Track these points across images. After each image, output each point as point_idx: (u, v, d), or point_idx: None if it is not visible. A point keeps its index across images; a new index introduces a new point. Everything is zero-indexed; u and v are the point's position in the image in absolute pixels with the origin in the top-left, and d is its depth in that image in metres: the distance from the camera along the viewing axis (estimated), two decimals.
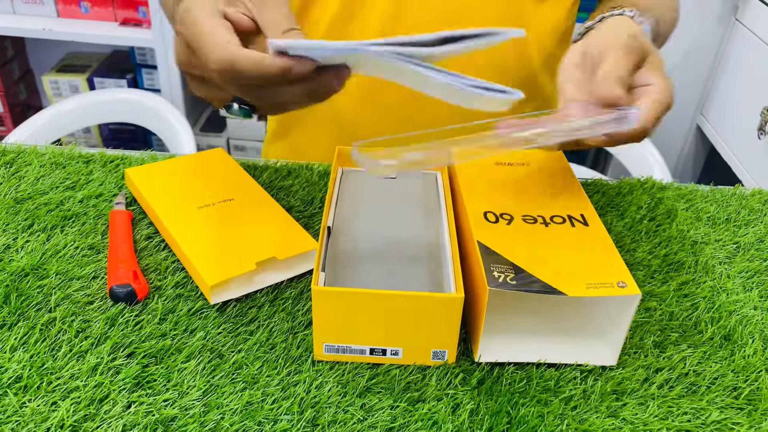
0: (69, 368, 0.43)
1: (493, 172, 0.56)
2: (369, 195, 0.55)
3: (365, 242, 0.49)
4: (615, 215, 0.63)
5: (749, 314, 0.52)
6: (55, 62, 1.83)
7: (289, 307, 0.50)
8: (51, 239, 0.55)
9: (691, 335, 0.50)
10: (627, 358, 0.47)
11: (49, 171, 0.64)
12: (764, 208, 0.66)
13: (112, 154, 0.67)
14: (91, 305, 0.48)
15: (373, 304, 0.43)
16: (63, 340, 0.45)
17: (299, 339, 0.47)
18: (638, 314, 0.51)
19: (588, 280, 0.43)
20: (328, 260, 0.47)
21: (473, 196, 0.52)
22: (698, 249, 0.59)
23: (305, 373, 0.44)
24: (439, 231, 0.51)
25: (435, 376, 0.45)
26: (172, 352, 0.45)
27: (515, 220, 0.49)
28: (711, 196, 0.68)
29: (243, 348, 0.46)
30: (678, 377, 0.46)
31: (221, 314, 0.49)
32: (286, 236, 0.52)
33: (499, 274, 0.43)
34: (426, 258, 0.48)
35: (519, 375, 0.45)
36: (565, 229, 0.49)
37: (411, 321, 0.43)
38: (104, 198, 0.60)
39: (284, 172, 0.66)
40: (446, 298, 0.42)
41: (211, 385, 0.43)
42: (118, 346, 0.45)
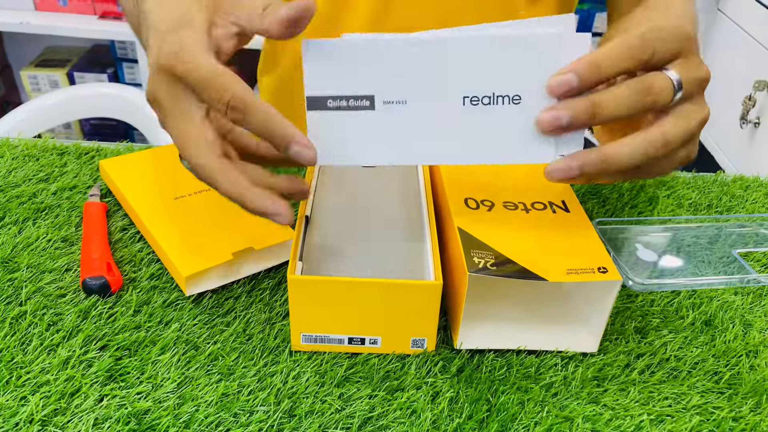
0: (39, 362, 0.42)
1: None
2: (348, 184, 0.55)
3: (344, 231, 0.49)
4: (596, 203, 0.63)
5: (730, 300, 0.52)
6: (33, 57, 1.80)
7: (267, 297, 0.49)
8: (23, 232, 0.53)
9: (672, 321, 0.50)
10: (608, 344, 0.47)
11: (21, 163, 0.62)
12: (745, 194, 0.67)
13: (87, 145, 0.66)
14: (63, 298, 0.47)
15: (350, 293, 0.42)
16: (33, 333, 0.44)
17: (276, 329, 0.46)
18: (619, 301, 0.51)
19: (568, 266, 0.43)
20: (305, 250, 0.46)
21: (454, 183, 0.51)
22: None
23: (282, 363, 0.44)
24: (419, 218, 0.50)
25: (414, 364, 0.44)
26: (146, 345, 0.44)
27: (496, 206, 0.49)
28: (692, 182, 0.68)
29: (219, 339, 0.45)
30: (659, 362, 0.46)
31: (197, 306, 0.48)
32: (264, 226, 0.52)
33: (479, 259, 0.42)
34: (405, 246, 0.47)
35: (499, 362, 0.45)
36: (546, 216, 0.48)
37: (389, 309, 0.43)
38: (78, 190, 0.59)
39: None
40: (425, 285, 0.42)
41: (186, 377, 0.42)
42: (91, 339, 0.44)
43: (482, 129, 0.41)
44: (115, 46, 1.73)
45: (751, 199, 0.65)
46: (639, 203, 0.63)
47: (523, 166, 0.54)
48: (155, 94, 0.39)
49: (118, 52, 1.74)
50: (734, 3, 1.51)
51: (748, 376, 0.45)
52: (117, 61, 1.76)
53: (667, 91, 0.40)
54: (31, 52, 1.83)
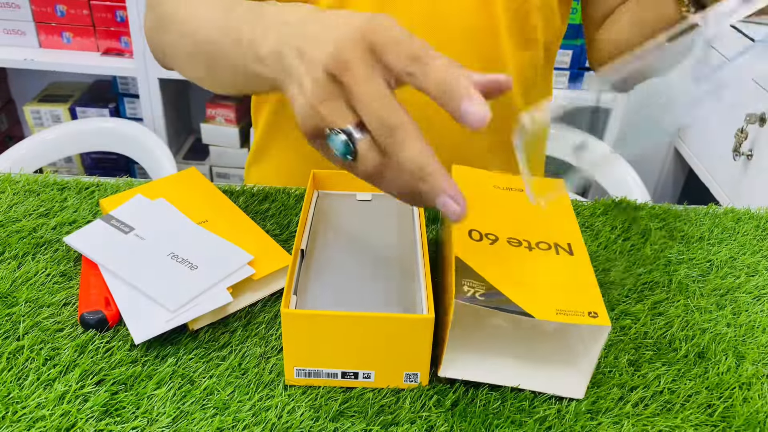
0: (35, 397, 0.42)
1: (489, 194, 0.56)
2: (343, 217, 0.55)
3: (339, 264, 0.49)
4: (590, 235, 0.64)
5: (722, 331, 0.52)
6: (37, 92, 1.83)
7: (262, 331, 0.49)
8: (22, 266, 0.54)
9: (666, 353, 0.50)
10: (602, 377, 0.47)
11: (22, 198, 0.63)
12: (737, 226, 0.67)
13: (87, 181, 0.67)
14: (60, 333, 0.48)
15: (342, 326, 0.42)
16: (30, 368, 0.45)
17: (272, 364, 0.46)
18: (613, 333, 0.52)
19: (559, 306, 0.43)
20: (300, 283, 0.47)
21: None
22: (672, 268, 0.60)
23: (277, 397, 0.44)
24: (413, 252, 0.51)
25: (409, 398, 0.44)
26: (143, 379, 0.44)
27: (500, 241, 0.49)
28: (685, 215, 0.69)
29: (215, 373, 0.45)
30: (653, 395, 0.46)
31: (193, 340, 0.48)
32: (261, 255, 0.52)
33: (469, 288, 0.43)
34: (399, 279, 0.48)
35: (493, 396, 0.45)
36: (548, 256, 0.48)
37: (382, 342, 0.43)
38: (78, 225, 0.60)
39: (261, 196, 0.66)
40: (416, 318, 0.42)
41: (182, 411, 0.42)
42: (87, 373, 0.44)
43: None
44: (117, 82, 1.76)
45: (743, 231, 0.66)
46: (632, 235, 0.64)
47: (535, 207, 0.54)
48: (346, 61, 0.38)
49: (120, 88, 1.77)
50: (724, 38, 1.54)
51: (741, 409, 0.45)
52: (119, 96, 1.79)
53: None
54: (34, 88, 1.86)
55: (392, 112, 0.38)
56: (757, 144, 1.35)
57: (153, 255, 0.52)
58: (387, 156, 0.39)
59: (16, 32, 1.65)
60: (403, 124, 0.37)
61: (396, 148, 0.38)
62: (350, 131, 0.39)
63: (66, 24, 1.64)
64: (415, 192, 0.39)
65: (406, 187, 0.40)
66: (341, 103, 0.39)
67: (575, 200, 0.70)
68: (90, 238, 0.54)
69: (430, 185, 0.38)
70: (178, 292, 0.48)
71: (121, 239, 0.53)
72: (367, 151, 0.39)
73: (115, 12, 1.62)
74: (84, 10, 1.61)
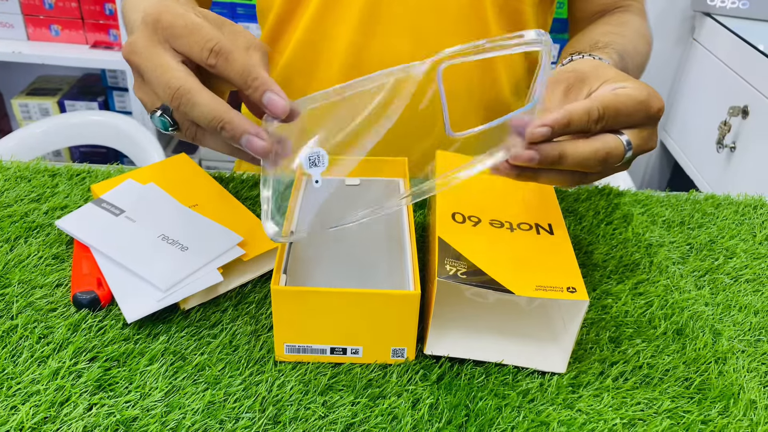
0: (30, 373, 0.43)
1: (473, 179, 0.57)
2: (333, 201, 0.56)
3: (327, 245, 0.50)
4: (573, 220, 0.65)
5: (700, 310, 0.54)
6: (25, 85, 1.82)
7: (253, 310, 0.50)
8: (14, 249, 0.55)
9: (645, 330, 0.52)
10: (583, 353, 0.49)
11: (14, 184, 0.64)
12: (716, 211, 0.69)
13: (78, 167, 0.67)
14: (54, 312, 0.49)
15: (331, 303, 0.43)
16: (24, 346, 0.45)
17: (262, 341, 0.47)
18: (594, 312, 0.53)
19: (538, 283, 0.44)
20: (290, 263, 0.48)
21: (446, 198, 0.53)
22: (653, 250, 0.61)
23: (267, 373, 0.45)
24: (401, 232, 0.52)
25: (396, 373, 0.46)
26: (135, 356, 0.45)
27: (482, 223, 0.50)
28: (666, 201, 0.71)
29: (206, 350, 0.46)
30: (632, 370, 0.48)
31: (185, 319, 0.49)
32: (251, 237, 0.53)
33: (451, 267, 0.44)
34: (387, 258, 0.49)
35: (478, 370, 0.46)
36: (529, 236, 0.50)
37: (369, 318, 0.44)
38: (70, 210, 0.61)
39: (251, 182, 0.67)
40: (403, 294, 0.44)
41: (174, 386, 0.43)
42: (81, 350, 0.45)
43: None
44: (105, 75, 1.76)
45: (722, 216, 0.68)
46: (614, 220, 0.66)
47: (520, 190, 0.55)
48: (133, 44, 0.42)
49: (109, 81, 1.77)
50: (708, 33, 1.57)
51: (716, 382, 0.47)
52: (107, 90, 1.78)
53: (619, 155, 0.45)
54: (22, 81, 1.85)
55: (171, 77, 0.41)
56: (740, 136, 1.37)
57: (144, 237, 0.52)
58: (185, 116, 0.42)
59: (4, 25, 1.64)
60: (183, 86, 0.40)
61: (187, 109, 0.41)
62: (165, 106, 0.43)
63: (54, 17, 1.63)
64: (226, 143, 0.43)
65: (219, 141, 0.43)
66: (146, 86, 0.43)
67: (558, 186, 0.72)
68: (81, 221, 0.55)
69: (230, 131, 0.41)
70: (169, 272, 0.49)
71: (112, 221, 0.54)
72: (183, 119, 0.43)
73: (104, 5, 1.62)
74: (72, 2, 1.61)
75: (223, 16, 0.46)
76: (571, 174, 0.46)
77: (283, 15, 0.73)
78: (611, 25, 0.73)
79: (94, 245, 0.52)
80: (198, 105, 0.40)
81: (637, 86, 0.47)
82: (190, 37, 0.41)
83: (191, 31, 0.41)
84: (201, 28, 0.41)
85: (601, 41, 0.65)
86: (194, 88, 0.40)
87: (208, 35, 0.41)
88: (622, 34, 0.69)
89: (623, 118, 0.45)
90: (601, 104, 0.44)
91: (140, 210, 0.55)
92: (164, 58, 0.41)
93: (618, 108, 0.45)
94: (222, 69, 0.41)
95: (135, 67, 0.43)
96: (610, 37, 0.67)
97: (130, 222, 0.54)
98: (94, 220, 0.55)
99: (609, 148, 0.45)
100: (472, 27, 0.71)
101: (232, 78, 0.41)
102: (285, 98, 0.41)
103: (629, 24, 0.73)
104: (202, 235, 0.53)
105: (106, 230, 0.53)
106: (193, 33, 0.41)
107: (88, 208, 0.56)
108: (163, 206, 0.56)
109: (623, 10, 0.76)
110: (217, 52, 0.41)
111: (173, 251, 0.51)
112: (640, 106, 0.46)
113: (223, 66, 0.41)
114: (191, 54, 0.41)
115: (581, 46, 0.64)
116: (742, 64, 1.39)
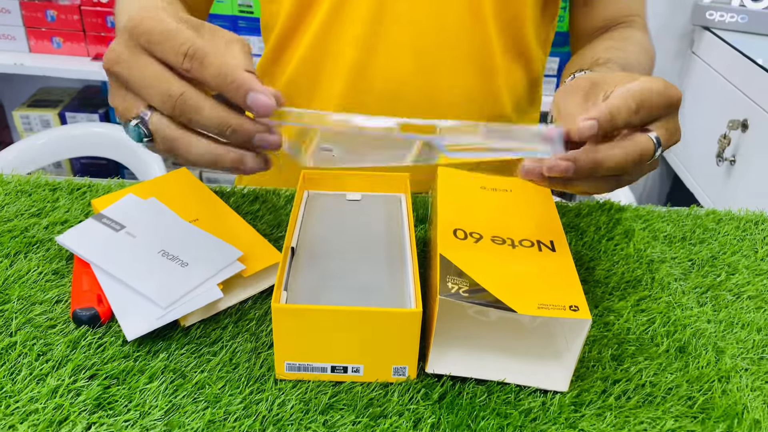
0: (28, 391, 0.43)
1: (475, 194, 0.57)
2: (333, 217, 0.56)
3: (329, 262, 0.50)
4: (574, 235, 0.65)
5: (703, 327, 0.54)
6: (26, 97, 1.83)
7: (253, 327, 0.50)
8: (14, 265, 0.55)
9: (648, 348, 0.51)
10: (585, 371, 0.48)
11: (14, 198, 0.64)
12: (718, 227, 0.69)
13: (79, 181, 0.67)
14: (53, 329, 0.48)
15: (332, 320, 0.43)
16: (23, 363, 0.45)
17: (262, 359, 0.47)
18: (596, 329, 0.53)
19: (541, 301, 0.44)
20: (290, 279, 0.48)
21: (447, 214, 0.53)
22: (655, 266, 0.61)
23: (268, 391, 0.45)
24: (402, 249, 0.52)
25: (397, 392, 0.45)
26: (135, 373, 0.45)
27: (484, 239, 0.50)
28: (667, 216, 0.70)
29: (206, 368, 0.46)
30: (635, 388, 0.47)
31: (185, 335, 0.49)
32: (252, 252, 0.53)
33: (453, 285, 0.44)
34: (388, 275, 0.49)
35: (480, 389, 0.46)
36: (531, 253, 0.50)
37: (371, 336, 0.44)
38: (70, 224, 0.60)
39: (251, 197, 0.67)
40: (404, 312, 0.43)
41: (173, 404, 0.43)
42: (80, 368, 0.45)
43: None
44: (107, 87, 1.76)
45: (723, 232, 0.68)
46: (615, 236, 0.66)
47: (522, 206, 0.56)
48: (115, 52, 0.42)
49: None
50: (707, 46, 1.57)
51: (720, 401, 0.47)
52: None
53: (651, 152, 0.46)
54: (24, 93, 1.86)
55: (171, 84, 0.40)
56: (740, 150, 1.37)
57: (144, 252, 0.52)
58: (187, 124, 0.41)
59: (6, 37, 1.65)
60: (185, 92, 0.40)
61: (192, 114, 0.40)
62: (140, 116, 0.42)
63: (56, 29, 1.64)
64: (217, 153, 0.42)
65: (207, 152, 0.42)
66: (125, 94, 0.43)
67: (559, 202, 0.72)
68: (81, 236, 0.55)
69: (241, 134, 0.41)
70: (169, 288, 0.49)
71: (112, 237, 0.54)
72: (159, 126, 0.42)
73: (106, 17, 1.62)
74: (74, 15, 1.62)
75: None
76: (605, 180, 0.47)
77: (287, 31, 0.74)
78: (613, 40, 0.73)
79: (94, 261, 0.52)
80: (203, 109, 0.40)
81: (651, 78, 0.47)
82: (165, 43, 0.40)
83: (166, 37, 0.40)
84: (177, 33, 0.40)
85: (603, 57, 0.65)
86: (196, 95, 0.40)
87: (181, 39, 0.40)
88: (624, 49, 0.69)
89: (652, 110, 0.46)
90: (634, 97, 0.45)
91: (141, 225, 0.55)
92: (152, 66, 0.41)
93: (644, 99, 0.45)
94: (198, 73, 0.40)
95: (118, 77, 0.42)
96: (613, 52, 0.67)
97: (130, 237, 0.54)
98: (94, 235, 0.55)
99: (641, 148, 0.45)
100: (474, 44, 0.71)
101: (209, 82, 0.40)
102: (268, 93, 0.40)
103: (631, 39, 0.73)
104: (202, 250, 0.53)
105: (106, 246, 0.53)
106: (168, 38, 0.40)
107: (88, 223, 0.56)
108: (163, 221, 0.56)
109: (625, 25, 0.77)
110: (191, 56, 0.40)
111: (173, 267, 0.51)
112: (661, 96, 0.46)
113: (199, 70, 0.40)
114: (168, 60, 0.41)
115: (583, 63, 0.65)
116: (741, 78, 1.40)
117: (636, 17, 0.78)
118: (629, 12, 0.77)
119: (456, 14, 0.69)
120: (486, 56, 0.72)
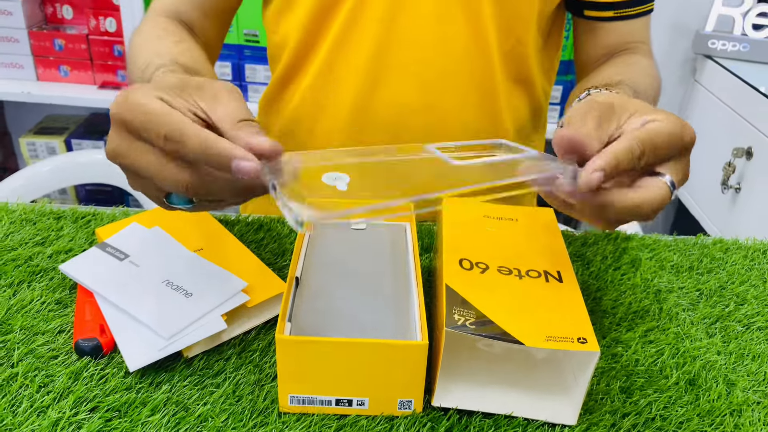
0: (29, 424, 0.42)
1: (480, 224, 0.57)
2: (338, 246, 0.56)
3: (333, 292, 0.50)
4: (581, 265, 0.65)
5: (713, 359, 0.53)
6: (32, 124, 1.84)
7: (257, 359, 0.49)
8: (17, 294, 0.54)
9: (657, 380, 0.50)
10: (594, 404, 0.48)
11: (19, 227, 0.64)
12: (725, 256, 0.68)
13: (83, 210, 0.67)
14: (55, 360, 0.48)
15: (337, 352, 0.43)
16: (24, 395, 0.45)
17: (266, 391, 0.47)
18: (605, 361, 0.52)
19: (548, 333, 0.44)
20: (294, 310, 0.47)
21: (453, 244, 0.52)
22: (662, 296, 0.61)
23: (271, 425, 0.44)
24: (407, 279, 0.52)
25: (403, 425, 0.44)
26: (137, 406, 0.44)
27: (490, 269, 0.50)
28: (674, 245, 0.70)
29: (209, 400, 0.45)
30: (645, 422, 0.46)
31: (188, 367, 0.48)
32: (256, 282, 0.53)
33: (459, 317, 0.43)
34: (393, 306, 0.48)
35: (487, 423, 0.45)
36: (538, 284, 0.49)
37: (376, 369, 0.43)
38: (74, 253, 0.60)
39: (256, 225, 0.67)
40: (410, 345, 0.43)
41: None
42: (81, 400, 0.44)
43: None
44: None
45: (731, 261, 0.67)
46: (622, 265, 0.65)
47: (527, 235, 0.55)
48: (112, 144, 0.42)
49: None
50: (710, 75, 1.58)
51: None
52: None
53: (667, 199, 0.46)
54: (30, 120, 1.87)
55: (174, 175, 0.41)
56: (745, 177, 1.37)
57: (148, 282, 0.52)
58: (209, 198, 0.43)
59: (14, 65, 1.67)
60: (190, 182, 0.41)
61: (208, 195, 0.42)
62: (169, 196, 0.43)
63: (64, 58, 1.66)
64: (236, 189, 0.42)
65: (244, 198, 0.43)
66: (142, 182, 0.43)
67: (566, 231, 0.71)
68: (85, 265, 0.54)
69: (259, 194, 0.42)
70: (172, 319, 0.48)
71: (116, 266, 0.54)
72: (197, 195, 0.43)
73: (113, 46, 1.64)
74: (82, 44, 1.64)
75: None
76: (618, 222, 0.47)
77: (294, 61, 0.74)
78: (620, 66, 0.73)
79: (97, 290, 0.52)
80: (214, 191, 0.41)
81: (666, 117, 0.47)
82: (145, 131, 0.40)
83: (144, 124, 0.40)
84: (155, 116, 0.40)
85: (614, 79, 0.65)
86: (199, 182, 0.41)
87: (159, 121, 0.40)
88: (631, 74, 0.69)
89: (661, 151, 0.46)
90: (638, 141, 0.44)
91: (145, 255, 0.55)
92: (148, 155, 0.41)
93: (654, 142, 0.45)
94: (182, 153, 0.40)
95: (125, 168, 0.43)
96: (621, 76, 0.67)
97: (134, 267, 0.54)
98: (98, 264, 0.54)
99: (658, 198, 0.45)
100: (477, 73, 0.72)
101: (193, 159, 0.40)
102: (252, 159, 0.39)
103: (637, 64, 0.73)
104: (206, 280, 0.52)
105: (110, 275, 0.53)
106: (146, 124, 0.40)
107: (92, 252, 0.56)
108: (167, 251, 0.56)
109: (630, 52, 0.77)
110: (169, 137, 0.39)
111: (177, 297, 0.50)
112: (674, 138, 0.46)
113: (180, 148, 0.39)
114: (155, 144, 0.40)
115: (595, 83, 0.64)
116: (745, 106, 1.40)
117: (640, 44, 0.78)
118: (632, 39, 0.77)
119: (460, 40, 0.70)
120: (489, 83, 0.73)
